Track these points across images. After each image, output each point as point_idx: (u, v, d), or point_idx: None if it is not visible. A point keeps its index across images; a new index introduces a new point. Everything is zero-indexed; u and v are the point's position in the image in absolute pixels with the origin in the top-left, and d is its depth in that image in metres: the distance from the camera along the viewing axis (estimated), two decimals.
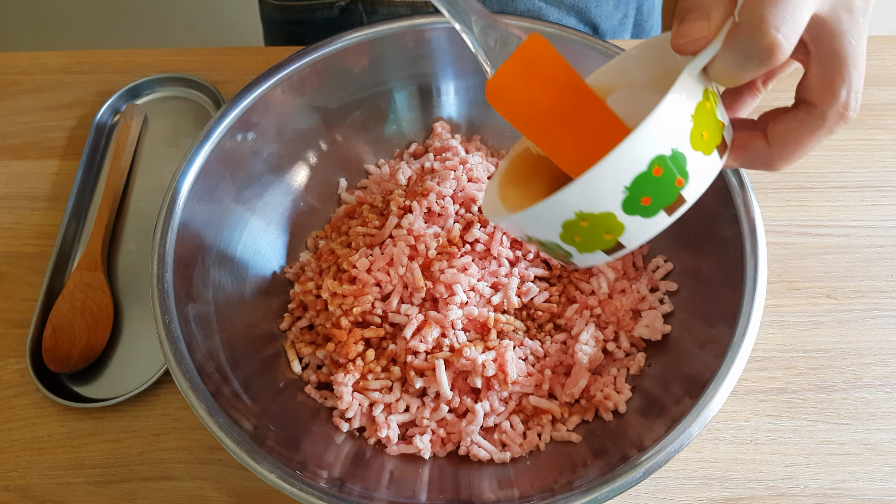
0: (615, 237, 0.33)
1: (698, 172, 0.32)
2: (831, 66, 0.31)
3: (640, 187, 0.31)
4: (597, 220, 0.32)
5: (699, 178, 0.32)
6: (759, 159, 0.34)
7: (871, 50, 0.67)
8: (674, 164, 0.31)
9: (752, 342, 0.41)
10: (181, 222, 0.46)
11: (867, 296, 0.55)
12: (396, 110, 0.58)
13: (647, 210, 0.32)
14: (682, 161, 0.31)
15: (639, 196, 0.31)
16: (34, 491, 0.49)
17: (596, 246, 0.34)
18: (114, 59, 0.70)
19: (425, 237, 0.49)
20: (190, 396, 0.40)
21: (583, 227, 0.33)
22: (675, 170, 0.31)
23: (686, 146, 0.31)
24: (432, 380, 0.46)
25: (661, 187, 0.31)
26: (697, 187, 0.32)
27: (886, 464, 0.48)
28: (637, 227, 0.32)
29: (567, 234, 0.33)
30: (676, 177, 0.31)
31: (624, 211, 0.32)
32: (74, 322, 0.54)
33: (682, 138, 0.31)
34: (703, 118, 0.31)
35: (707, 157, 0.32)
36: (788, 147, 0.33)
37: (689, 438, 0.39)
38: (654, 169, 0.31)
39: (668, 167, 0.31)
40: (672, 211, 0.32)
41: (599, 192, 0.31)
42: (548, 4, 0.69)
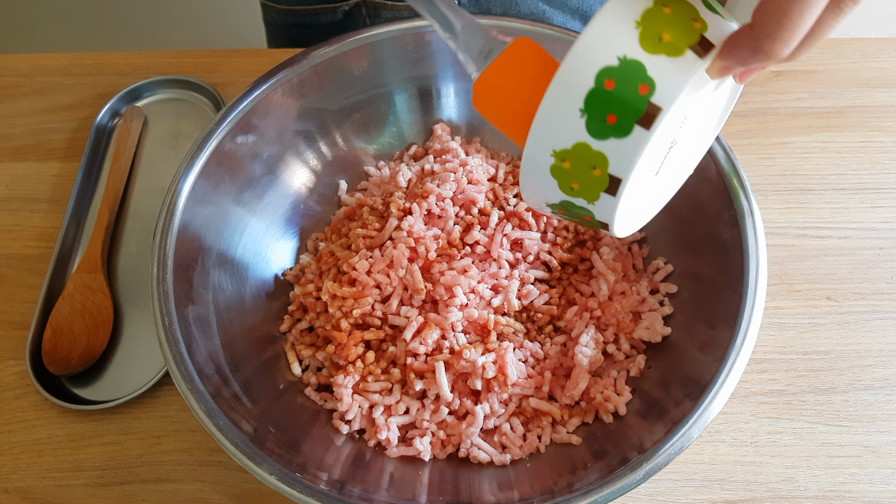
0: (603, 170, 0.31)
1: (666, 77, 0.29)
2: None
3: (597, 106, 0.29)
4: (575, 155, 0.31)
5: (669, 83, 0.29)
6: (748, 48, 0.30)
7: (871, 52, 0.67)
8: (626, 74, 0.29)
9: (753, 344, 0.41)
10: (181, 224, 0.46)
11: (867, 298, 0.55)
12: (396, 112, 0.58)
13: (618, 129, 0.30)
14: (638, 68, 0.29)
15: (601, 116, 0.29)
16: (34, 493, 0.49)
17: (595, 187, 0.31)
18: (114, 60, 0.70)
19: (425, 239, 0.49)
20: (190, 398, 0.40)
21: (569, 171, 0.31)
22: (632, 78, 0.29)
23: (637, 52, 0.29)
24: (432, 382, 0.46)
25: (621, 100, 0.29)
26: (670, 92, 0.29)
27: (887, 466, 0.48)
28: (619, 151, 0.30)
29: (564, 184, 0.32)
30: (637, 85, 0.29)
31: (593, 136, 0.30)
32: (74, 324, 0.54)
33: (629, 44, 0.29)
34: (658, 21, 0.29)
35: (675, 58, 0.29)
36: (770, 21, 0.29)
37: (690, 440, 0.39)
38: (604, 83, 0.29)
39: (621, 78, 0.29)
40: (648, 123, 0.29)
41: (559, 122, 0.30)
42: (552, 7, 0.69)
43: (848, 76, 0.66)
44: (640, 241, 0.54)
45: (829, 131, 0.63)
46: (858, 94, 0.65)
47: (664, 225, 0.53)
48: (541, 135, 0.31)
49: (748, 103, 0.65)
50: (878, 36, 0.72)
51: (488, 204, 0.51)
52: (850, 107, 0.65)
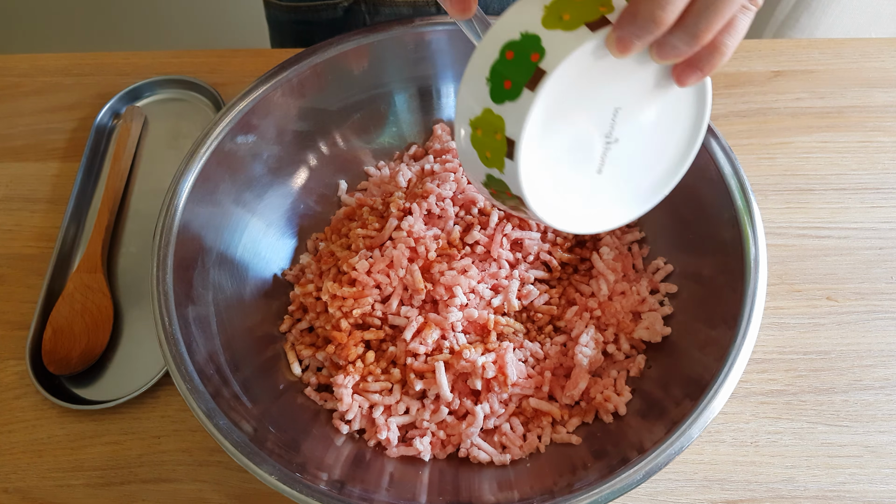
0: (502, 133, 0.34)
1: (556, 46, 0.32)
2: None
3: (499, 74, 0.33)
4: (483, 122, 0.34)
5: (557, 50, 0.32)
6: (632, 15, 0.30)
7: (871, 52, 0.67)
8: (524, 45, 0.32)
9: (753, 344, 0.41)
10: (181, 224, 0.46)
11: (867, 298, 0.55)
12: (396, 112, 0.58)
13: (512, 92, 0.33)
14: (534, 41, 0.32)
15: (500, 82, 0.33)
16: (34, 493, 0.49)
17: (500, 152, 0.34)
18: (114, 61, 0.70)
19: (425, 239, 0.49)
20: (190, 399, 0.40)
21: (481, 138, 0.34)
22: (528, 49, 0.32)
23: (538, 28, 0.32)
24: (432, 382, 0.46)
25: (516, 67, 0.32)
26: (556, 57, 0.32)
27: (887, 466, 0.48)
28: (512, 113, 0.33)
29: (482, 154, 0.35)
30: (530, 54, 0.32)
31: (494, 100, 0.33)
32: (74, 324, 0.54)
33: (532, 22, 0.32)
34: (564, 5, 0.33)
35: (569, 31, 0.32)
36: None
37: (690, 440, 0.39)
38: (505, 53, 0.33)
39: (519, 48, 0.32)
40: (533, 85, 0.32)
41: (472, 92, 0.34)
42: None
43: (848, 76, 0.66)
44: (640, 241, 0.54)
45: (829, 131, 0.63)
46: (858, 94, 0.65)
47: (664, 225, 0.53)
48: (461, 106, 0.35)
49: (748, 103, 0.65)
50: (878, 36, 0.72)
51: (488, 204, 0.51)
52: (850, 107, 0.65)
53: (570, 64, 0.32)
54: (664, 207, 0.40)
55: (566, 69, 0.32)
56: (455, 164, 0.53)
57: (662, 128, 0.37)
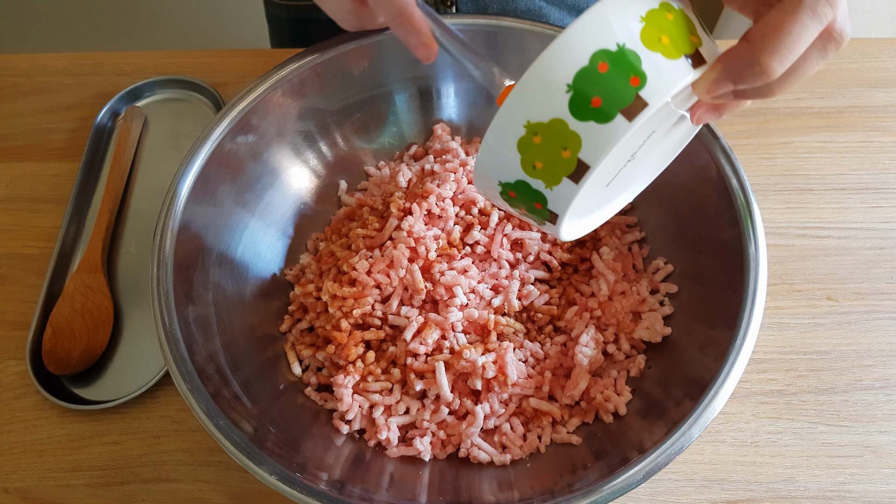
0: (574, 153, 0.30)
1: (659, 74, 0.29)
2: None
3: (586, 85, 0.29)
4: (548, 130, 0.30)
5: (661, 81, 0.29)
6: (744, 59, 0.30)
7: (871, 52, 0.67)
8: (622, 61, 0.29)
9: (753, 344, 0.41)
10: (181, 224, 0.46)
11: (867, 298, 0.55)
12: (396, 112, 0.58)
13: (600, 113, 0.29)
14: (634, 59, 0.29)
15: (586, 96, 0.29)
16: (34, 493, 0.49)
17: (560, 170, 0.31)
18: (114, 61, 0.70)
19: (425, 239, 0.49)
20: (190, 398, 0.40)
21: (538, 146, 0.31)
22: (626, 67, 0.29)
23: (637, 44, 0.29)
24: (432, 382, 0.46)
25: (610, 86, 0.29)
26: (659, 90, 0.29)
27: (887, 466, 0.48)
28: (594, 136, 0.30)
29: (527, 161, 0.31)
30: (629, 75, 0.29)
31: (573, 115, 0.30)
32: (74, 324, 0.54)
33: (631, 36, 0.29)
34: (661, 23, 0.30)
35: (670, 60, 0.30)
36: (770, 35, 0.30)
37: (690, 440, 0.39)
38: (598, 64, 0.29)
39: (616, 64, 0.29)
40: (632, 115, 0.29)
41: (543, 93, 0.30)
42: (548, 4, 0.70)
43: (848, 76, 0.66)
44: (640, 241, 0.54)
45: (829, 131, 0.63)
46: (858, 94, 0.65)
47: (664, 225, 0.53)
48: (520, 102, 0.30)
49: None
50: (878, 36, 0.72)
51: (488, 204, 0.51)
52: (850, 107, 0.65)
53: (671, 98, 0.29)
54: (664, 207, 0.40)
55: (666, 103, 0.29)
56: (455, 164, 0.53)
57: (654, 152, 0.37)
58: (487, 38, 0.54)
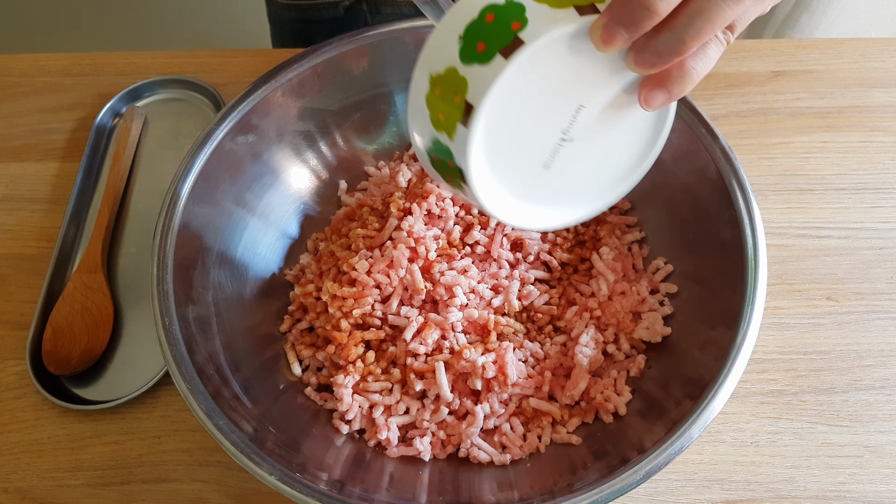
0: (462, 96, 0.32)
1: (540, 19, 0.31)
2: None
3: (473, 34, 0.32)
4: (444, 80, 0.33)
5: (540, 23, 0.31)
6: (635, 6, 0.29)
7: (871, 52, 0.67)
8: (507, 11, 0.31)
9: (753, 344, 0.41)
10: (181, 224, 0.46)
11: (867, 298, 0.55)
12: (396, 112, 0.58)
13: (483, 56, 0.31)
14: (519, 9, 0.31)
15: (473, 43, 0.32)
16: (34, 493, 0.49)
17: (454, 116, 0.33)
18: (114, 61, 0.70)
19: (425, 239, 0.49)
20: (190, 398, 0.40)
21: (438, 97, 0.33)
22: (510, 15, 0.31)
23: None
24: (432, 382, 0.46)
25: (494, 31, 0.31)
26: (538, 30, 0.31)
27: (887, 466, 0.48)
28: (478, 77, 0.31)
29: (434, 114, 0.34)
30: (511, 21, 0.31)
31: (462, 60, 0.32)
32: (74, 324, 0.54)
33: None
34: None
35: (556, 8, 0.31)
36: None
37: (690, 440, 0.39)
38: (485, 15, 0.31)
39: (501, 13, 0.31)
40: (508, 53, 0.31)
41: (440, 46, 0.32)
42: None
43: (848, 76, 0.66)
44: (640, 241, 0.54)
45: (829, 131, 0.63)
46: (858, 94, 0.65)
47: (664, 225, 0.53)
48: (424, 60, 0.33)
49: (748, 103, 0.65)
50: (878, 36, 0.72)
51: None
52: (850, 107, 0.65)
53: (549, 40, 0.31)
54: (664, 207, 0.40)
55: (544, 45, 0.31)
56: None
57: (619, 139, 0.37)
58: None
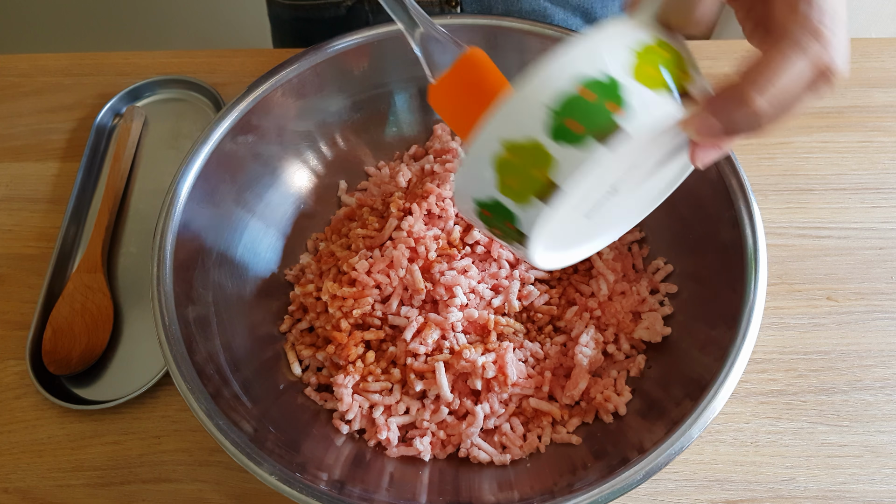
0: (546, 174, 0.30)
1: (642, 106, 0.29)
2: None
3: (566, 110, 0.29)
4: (524, 150, 0.30)
5: (642, 112, 0.29)
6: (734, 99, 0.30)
7: (871, 52, 0.67)
8: (607, 90, 0.29)
9: (753, 344, 0.41)
10: (181, 224, 0.46)
11: (867, 298, 0.55)
12: (396, 112, 0.58)
13: (577, 137, 0.29)
14: (619, 89, 0.29)
15: (566, 120, 0.29)
16: (34, 493, 0.49)
17: (531, 189, 0.31)
18: (114, 61, 0.70)
19: (425, 239, 0.49)
20: (190, 399, 0.40)
21: (513, 165, 0.31)
22: (610, 96, 0.29)
23: (625, 76, 0.29)
24: (432, 382, 0.46)
25: (590, 111, 0.29)
26: (640, 120, 0.29)
27: (887, 466, 0.48)
28: (568, 158, 0.29)
29: (501, 179, 0.31)
30: (612, 103, 0.29)
31: (551, 137, 0.29)
32: (74, 324, 0.54)
33: (620, 67, 0.29)
34: (652, 58, 0.30)
35: (656, 93, 0.29)
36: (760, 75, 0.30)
37: (690, 440, 0.39)
38: (583, 91, 0.29)
39: (601, 92, 0.29)
40: (607, 141, 0.29)
41: (524, 113, 0.29)
42: (553, 5, 0.70)
43: (848, 76, 0.66)
44: (640, 241, 0.54)
45: (829, 131, 0.63)
46: (858, 94, 0.65)
47: (664, 225, 0.53)
48: (499, 121, 0.30)
49: None
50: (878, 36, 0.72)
51: None
52: (850, 107, 0.65)
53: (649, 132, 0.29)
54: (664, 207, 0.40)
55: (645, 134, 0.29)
56: (455, 164, 0.53)
57: (656, 180, 0.37)
58: (488, 38, 0.54)
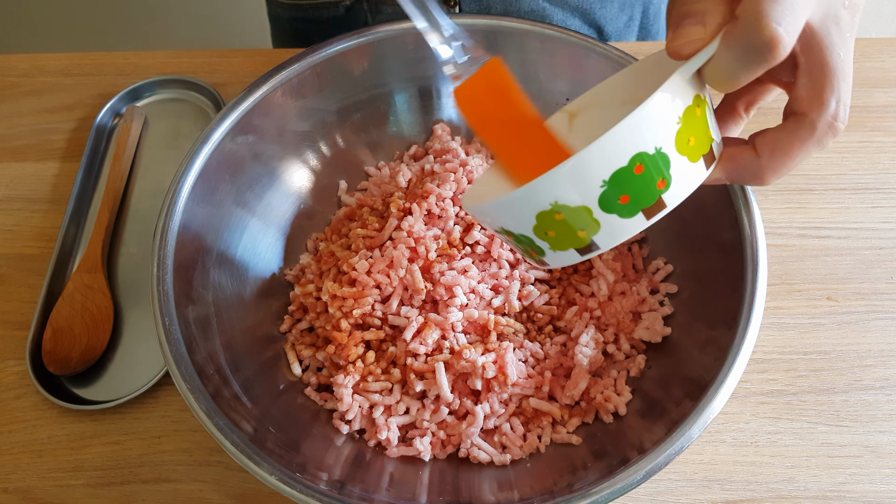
0: (589, 235, 0.32)
1: (681, 178, 0.31)
2: (820, 76, 0.32)
3: (619, 183, 0.30)
4: (572, 213, 0.31)
5: (681, 184, 0.31)
6: (747, 170, 0.34)
7: (871, 52, 0.67)
8: (656, 165, 0.30)
9: (753, 344, 0.41)
10: (181, 224, 0.46)
11: (867, 298, 0.55)
12: (396, 112, 0.58)
13: (625, 209, 0.31)
14: (666, 163, 0.31)
15: (617, 193, 0.31)
16: (34, 493, 0.49)
17: (569, 244, 0.33)
18: (114, 61, 0.70)
19: (425, 239, 0.49)
20: (190, 399, 0.40)
21: (557, 221, 0.32)
22: (658, 170, 0.30)
23: (671, 148, 0.30)
24: (432, 382, 0.46)
25: (641, 187, 0.31)
26: (679, 193, 0.31)
27: (887, 466, 0.48)
28: (612, 227, 0.32)
29: (541, 228, 0.33)
30: (658, 178, 0.31)
31: (600, 207, 0.31)
32: (74, 324, 0.54)
33: (668, 139, 0.30)
34: (692, 124, 0.31)
35: (692, 163, 0.31)
36: (777, 156, 0.33)
37: (690, 441, 0.39)
38: (635, 166, 0.30)
39: (650, 166, 0.30)
40: (651, 214, 0.31)
41: (578, 183, 0.31)
42: (552, 5, 0.69)
43: None
44: (640, 241, 0.54)
45: None
46: (858, 94, 0.65)
47: (664, 225, 0.52)
48: (554, 185, 0.31)
49: None
50: (878, 36, 0.72)
51: None
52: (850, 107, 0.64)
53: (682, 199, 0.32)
54: None
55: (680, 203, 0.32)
56: (455, 164, 0.53)
57: None
58: (488, 38, 0.54)
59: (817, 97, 0.32)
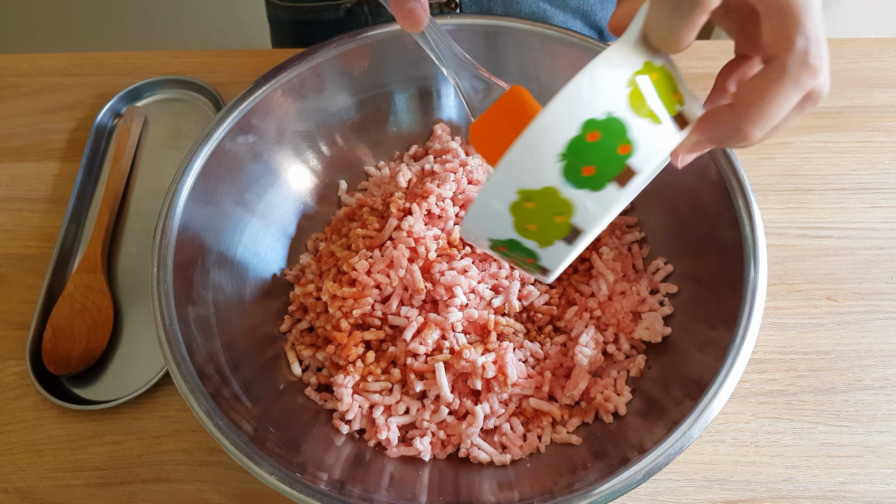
0: (567, 218, 0.31)
1: (647, 141, 0.29)
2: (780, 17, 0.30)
3: (577, 154, 0.29)
4: (541, 197, 0.30)
5: (649, 148, 0.30)
6: (727, 126, 0.32)
7: (871, 52, 0.67)
8: (611, 130, 0.29)
9: (753, 344, 0.41)
10: (181, 224, 0.46)
11: (867, 298, 0.55)
12: (396, 112, 0.58)
13: (592, 181, 0.30)
14: (621, 127, 0.29)
15: (577, 164, 0.29)
16: (34, 493, 0.49)
17: (552, 234, 0.32)
18: (114, 61, 0.70)
19: (425, 239, 0.49)
20: (190, 399, 0.40)
21: (531, 211, 0.31)
22: (615, 135, 0.29)
23: (625, 112, 0.29)
24: (432, 382, 0.46)
25: (602, 154, 0.29)
26: (648, 157, 0.30)
27: (887, 466, 0.48)
28: (588, 203, 0.30)
29: (520, 223, 0.32)
30: (618, 143, 0.29)
31: (567, 182, 0.30)
32: (74, 324, 0.54)
33: (619, 104, 0.29)
34: (647, 88, 0.30)
35: (657, 125, 0.30)
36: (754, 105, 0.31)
37: (690, 440, 0.39)
38: (587, 134, 0.29)
39: (605, 132, 0.29)
40: (623, 182, 0.30)
41: (533, 162, 0.30)
42: (552, 7, 0.70)
43: (848, 76, 0.66)
44: (640, 241, 0.54)
45: (829, 131, 0.63)
46: (858, 94, 0.65)
47: (664, 225, 0.53)
48: (511, 171, 0.30)
49: None
50: (878, 36, 0.72)
51: None
52: (850, 107, 0.65)
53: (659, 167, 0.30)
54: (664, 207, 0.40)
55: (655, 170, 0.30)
56: (455, 164, 0.53)
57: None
58: (488, 38, 0.54)
59: (782, 38, 0.30)
